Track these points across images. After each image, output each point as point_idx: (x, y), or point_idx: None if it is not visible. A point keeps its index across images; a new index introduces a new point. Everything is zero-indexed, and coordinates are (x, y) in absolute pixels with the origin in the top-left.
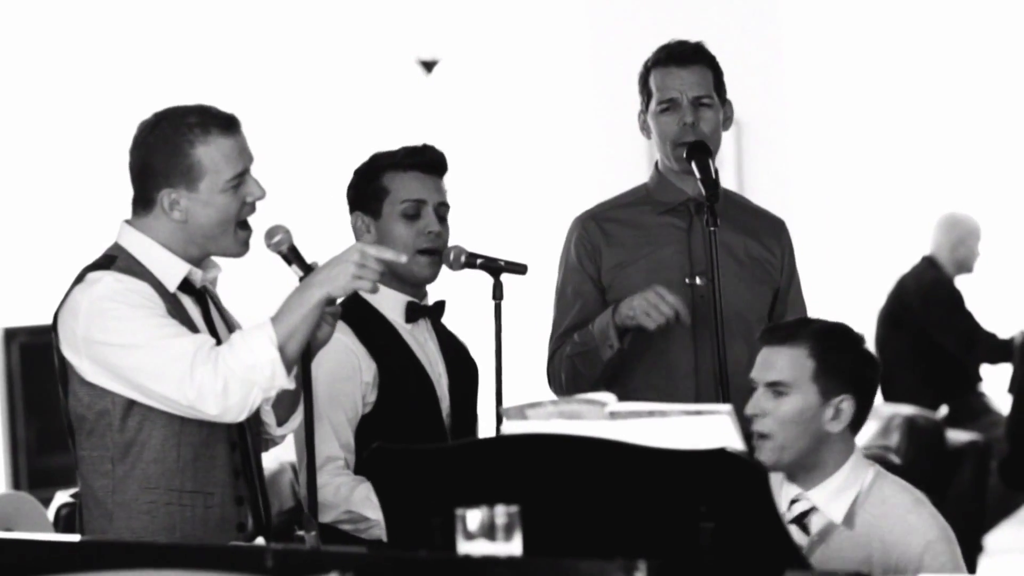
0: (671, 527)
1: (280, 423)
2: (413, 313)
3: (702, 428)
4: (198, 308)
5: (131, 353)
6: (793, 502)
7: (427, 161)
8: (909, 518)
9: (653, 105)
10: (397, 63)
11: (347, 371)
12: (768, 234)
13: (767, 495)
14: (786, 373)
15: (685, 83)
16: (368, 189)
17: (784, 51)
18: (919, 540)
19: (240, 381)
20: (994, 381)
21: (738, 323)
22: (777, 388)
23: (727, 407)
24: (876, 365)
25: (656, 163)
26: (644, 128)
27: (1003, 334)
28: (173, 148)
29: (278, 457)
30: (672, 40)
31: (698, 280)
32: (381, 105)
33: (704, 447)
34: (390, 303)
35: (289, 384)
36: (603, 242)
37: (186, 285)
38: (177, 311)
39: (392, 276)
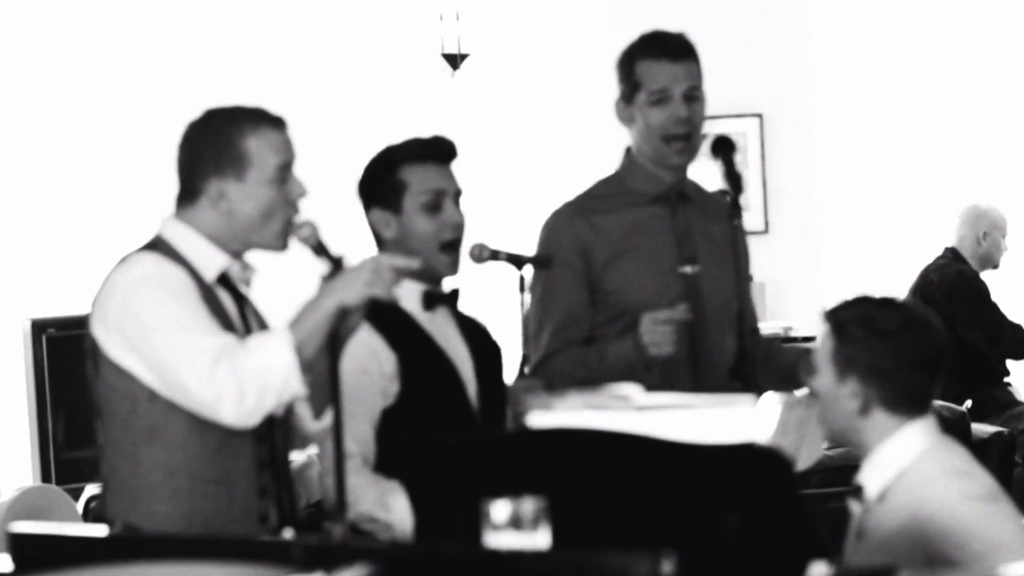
0: (697, 520)
1: (316, 415)
2: (430, 301)
3: (728, 420)
4: (236, 306)
5: (158, 336)
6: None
7: (443, 151)
8: (934, 487)
9: (643, 96)
10: (423, 58)
11: (362, 365)
12: (726, 216)
13: (793, 488)
14: (817, 351)
15: (678, 76)
16: (386, 184)
17: (808, 43)
18: (937, 508)
19: (256, 384)
20: (1020, 374)
21: (724, 314)
22: (815, 366)
23: (752, 398)
24: (889, 344)
25: (628, 150)
26: (623, 117)
27: None
28: (225, 138)
29: (306, 450)
30: (656, 31)
31: (688, 268)
32: (407, 101)
33: (731, 440)
34: (407, 294)
35: (303, 391)
36: (593, 236)
37: (225, 282)
38: (212, 303)
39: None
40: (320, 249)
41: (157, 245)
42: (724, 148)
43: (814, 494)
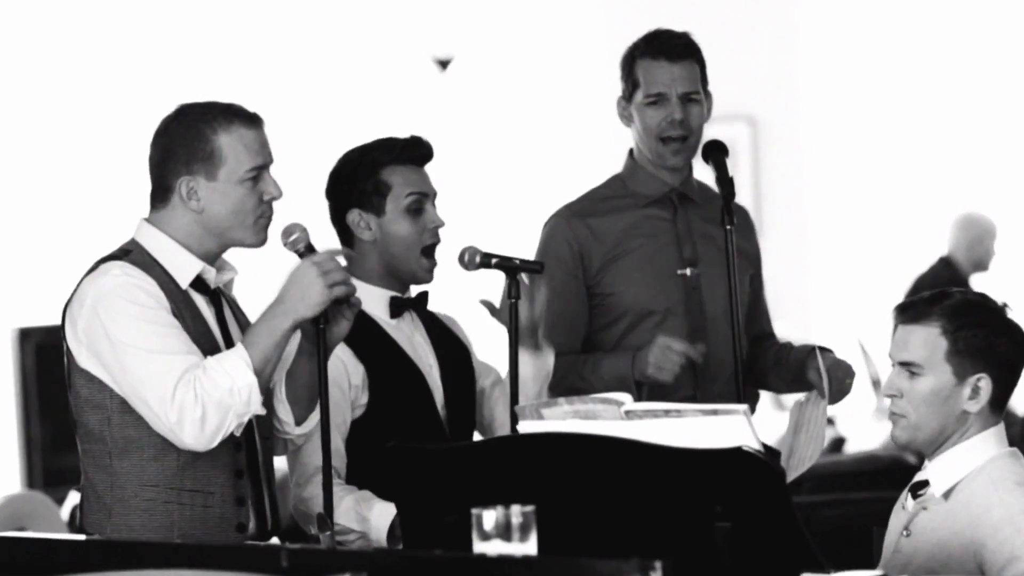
0: (687, 527)
1: (298, 422)
2: (397, 308)
3: (718, 428)
4: (212, 309)
5: (123, 352)
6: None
7: (424, 153)
8: (999, 494)
9: (640, 96)
10: (412, 61)
11: (332, 378)
12: (743, 222)
13: (784, 495)
14: (919, 353)
15: (675, 78)
16: (367, 185)
17: (799, 49)
18: (996, 516)
19: (217, 406)
20: None
21: (726, 315)
22: (911, 368)
23: (743, 406)
24: (1016, 337)
25: (631, 152)
26: (624, 116)
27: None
28: (195, 134)
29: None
30: (659, 29)
31: (687, 271)
32: (396, 103)
33: (720, 446)
34: (374, 299)
35: (262, 410)
36: (590, 239)
37: (201, 285)
38: (188, 308)
39: (386, 275)
40: (310, 254)
41: (130, 251)
42: (716, 152)
43: (806, 502)
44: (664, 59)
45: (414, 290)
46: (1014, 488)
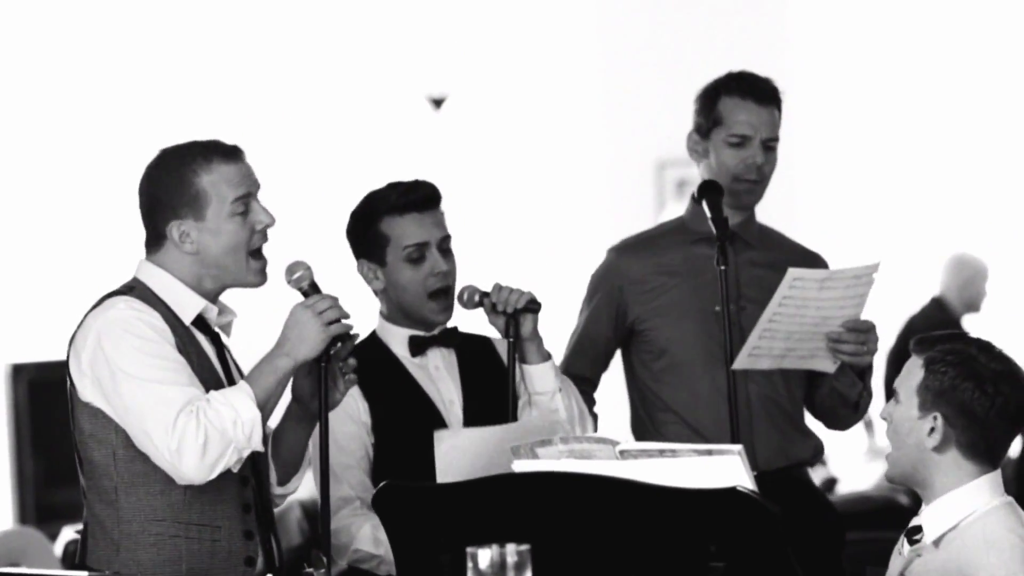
0: (682, 566)
1: (281, 483)
2: (417, 347)
3: (712, 468)
4: (214, 348)
5: (125, 382)
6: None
7: (421, 199)
8: (990, 556)
9: (723, 134)
10: (406, 100)
11: (345, 412)
12: (800, 267)
13: (778, 534)
14: (903, 380)
15: (762, 122)
16: (368, 236)
17: (791, 88)
18: (994, 570)
19: (219, 437)
20: None
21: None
22: (896, 395)
23: (738, 447)
24: (988, 390)
25: (693, 193)
26: (695, 151)
27: None
28: (178, 179)
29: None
30: (745, 71)
31: (732, 307)
32: (391, 141)
33: (715, 486)
34: (397, 339)
35: (262, 447)
36: (633, 274)
37: (202, 324)
38: (191, 344)
39: (403, 316)
40: (314, 292)
41: (134, 287)
42: (711, 193)
43: None
44: (752, 101)
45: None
46: (1005, 550)
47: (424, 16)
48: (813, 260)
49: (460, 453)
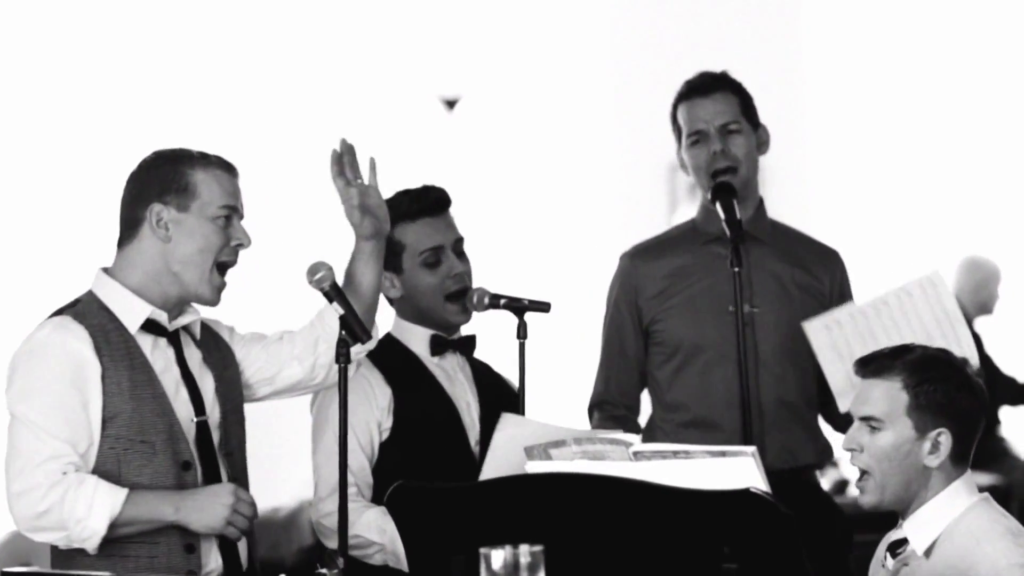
0: (695, 567)
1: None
2: (438, 346)
3: (726, 469)
4: (172, 348)
5: (14, 406)
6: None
7: (432, 203)
8: (984, 548)
9: (684, 140)
10: (419, 101)
11: (357, 397)
12: (817, 263)
13: (792, 536)
14: (880, 407)
15: (710, 112)
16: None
17: (805, 97)
18: (987, 569)
19: (58, 519)
20: (1013, 425)
21: (783, 352)
22: (871, 423)
23: (751, 448)
24: (976, 394)
25: (701, 198)
26: (683, 166)
27: (1023, 378)
28: (171, 168)
29: (298, 495)
30: (696, 75)
31: (746, 307)
32: (404, 143)
33: (728, 488)
34: (417, 338)
35: (92, 552)
36: (641, 277)
37: (157, 328)
38: (130, 352)
39: (424, 318)
40: (335, 293)
41: (79, 302)
42: (724, 194)
43: None
44: (697, 96)
45: (462, 329)
46: (996, 539)
47: (437, 18)
48: (829, 255)
49: (519, 443)
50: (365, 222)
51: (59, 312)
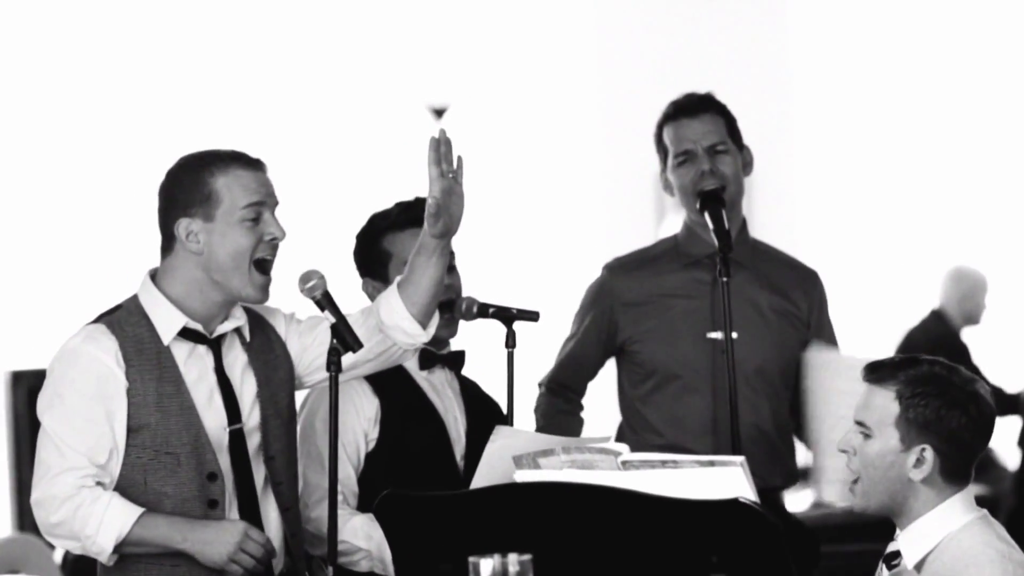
0: None
1: (424, 326)
2: (427, 360)
3: (715, 479)
4: (211, 355)
5: (42, 416)
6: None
7: (421, 214)
8: (971, 572)
9: (670, 160)
10: (407, 110)
11: (345, 406)
12: (795, 286)
13: (780, 546)
14: (872, 414)
15: (697, 133)
16: (371, 254)
17: (792, 108)
18: None
19: (70, 531)
20: (1000, 435)
21: (759, 379)
22: (863, 429)
23: (740, 458)
24: (971, 415)
25: (685, 218)
26: (667, 187)
27: (1010, 388)
28: (194, 179)
29: None
30: (681, 95)
31: (718, 334)
32: (392, 151)
33: (717, 497)
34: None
35: (107, 562)
36: (627, 295)
37: (197, 335)
38: (160, 363)
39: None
40: (327, 302)
41: (120, 307)
42: (712, 203)
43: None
44: (684, 117)
45: (452, 344)
46: (984, 565)
47: (426, 26)
48: (807, 278)
49: (510, 453)
50: (438, 221)
51: (98, 319)
